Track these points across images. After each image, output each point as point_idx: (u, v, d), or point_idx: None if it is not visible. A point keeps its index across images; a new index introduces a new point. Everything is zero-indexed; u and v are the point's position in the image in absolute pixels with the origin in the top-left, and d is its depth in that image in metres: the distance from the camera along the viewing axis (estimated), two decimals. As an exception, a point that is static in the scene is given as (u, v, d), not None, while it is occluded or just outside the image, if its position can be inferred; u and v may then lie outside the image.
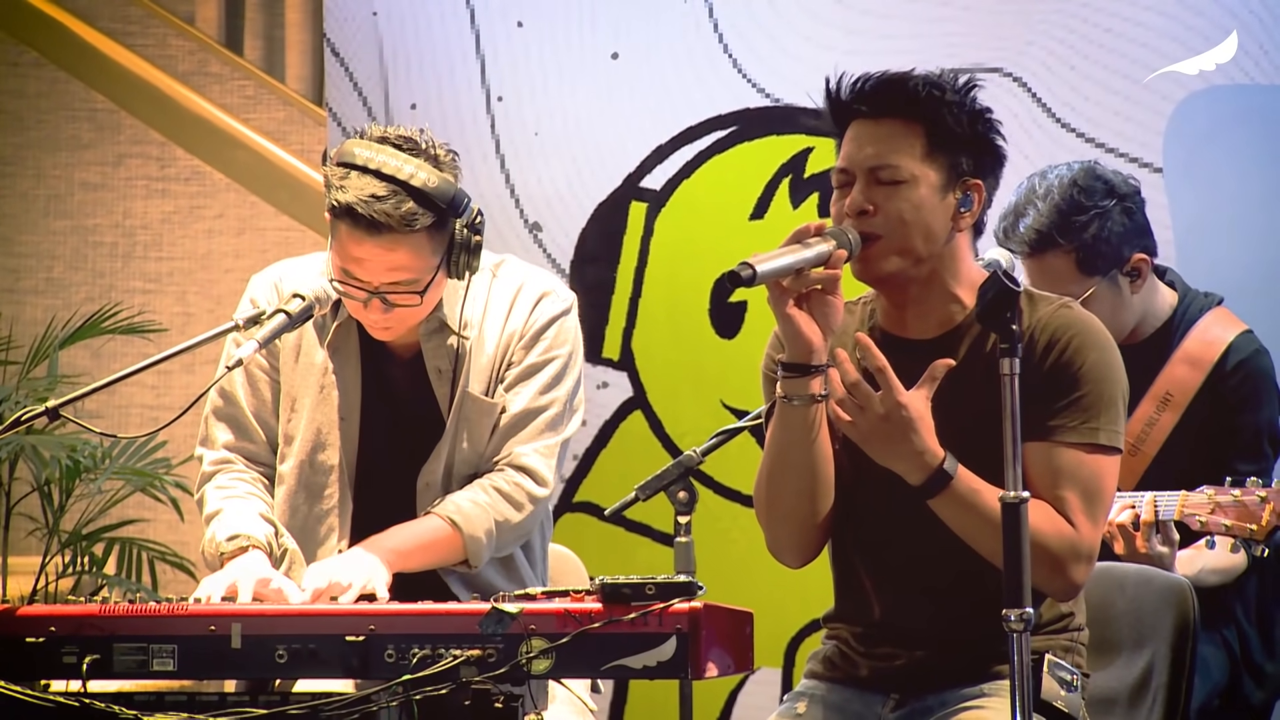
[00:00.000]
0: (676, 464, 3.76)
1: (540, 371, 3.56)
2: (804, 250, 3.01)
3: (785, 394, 3.09)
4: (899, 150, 3.11)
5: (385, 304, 3.41)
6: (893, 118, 3.12)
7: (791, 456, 3.12)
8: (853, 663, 3.21)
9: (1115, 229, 4.04)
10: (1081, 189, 4.05)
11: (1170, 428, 4.12)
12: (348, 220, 3.35)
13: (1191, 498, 3.83)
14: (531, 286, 3.58)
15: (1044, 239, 4.03)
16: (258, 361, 3.55)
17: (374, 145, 3.39)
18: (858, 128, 3.15)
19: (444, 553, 3.46)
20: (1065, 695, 3.09)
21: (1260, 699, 4.15)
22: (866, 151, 3.12)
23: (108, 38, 6.79)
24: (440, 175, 3.38)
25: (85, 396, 3.23)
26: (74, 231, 6.74)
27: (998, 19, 4.94)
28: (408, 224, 3.34)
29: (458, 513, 3.45)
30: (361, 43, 5.26)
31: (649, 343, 5.19)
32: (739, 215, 5.08)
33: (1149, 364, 4.14)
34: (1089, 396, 3.10)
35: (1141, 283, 4.11)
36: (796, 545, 3.21)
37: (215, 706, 2.83)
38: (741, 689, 5.08)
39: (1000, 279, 2.88)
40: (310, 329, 3.54)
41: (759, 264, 2.94)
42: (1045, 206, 4.04)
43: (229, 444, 3.57)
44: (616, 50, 5.16)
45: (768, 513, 3.19)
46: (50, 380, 5.91)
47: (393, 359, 3.56)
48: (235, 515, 3.46)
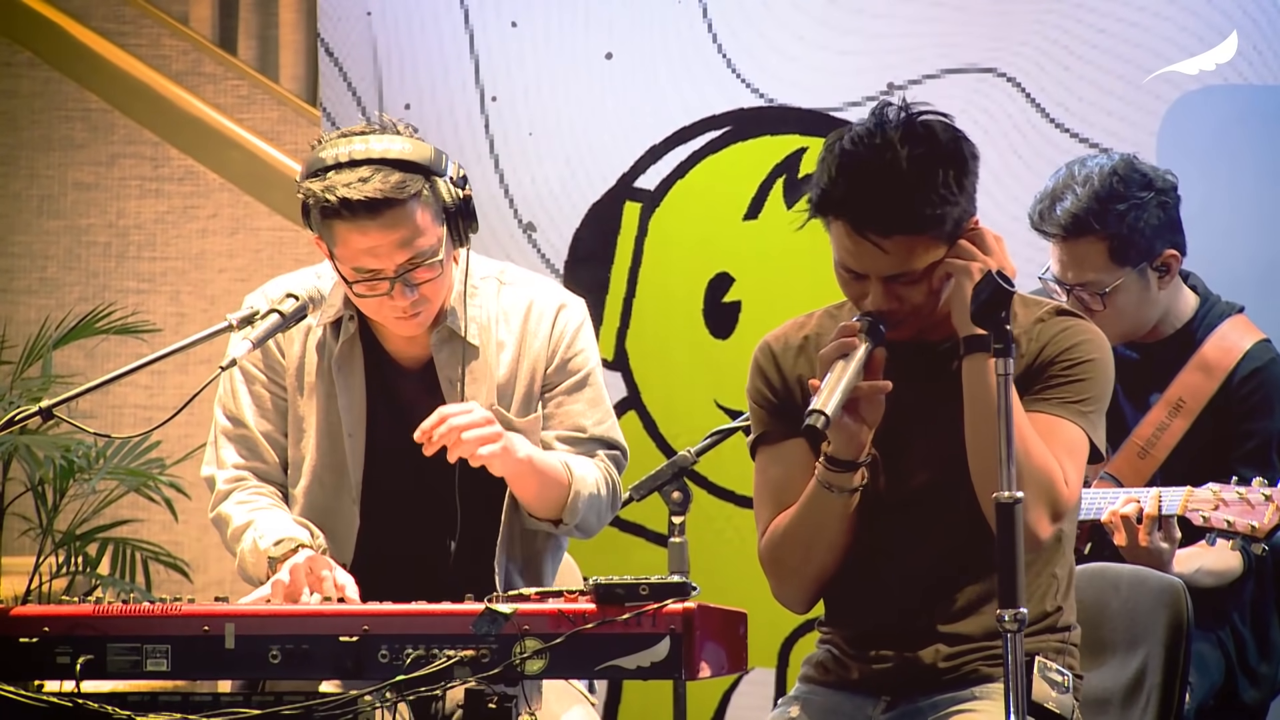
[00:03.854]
0: (671, 464, 3.77)
1: (586, 385, 3.57)
2: (851, 364, 3.00)
3: (827, 484, 3.10)
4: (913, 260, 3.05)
5: (409, 286, 3.39)
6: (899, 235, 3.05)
7: (823, 536, 3.13)
8: (844, 666, 3.21)
9: (1150, 221, 4.06)
10: (1121, 178, 4.06)
11: (1181, 434, 4.12)
12: (345, 214, 3.34)
13: (1197, 493, 3.84)
14: (544, 300, 3.57)
15: (1080, 224, 4.04)
16: (263, 382, 3.54)
17: (335, 142, 3.39)
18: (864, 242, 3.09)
19: (552, 493, 3.45)
20: (1057, 697, 3.09)
21: (1255, 699, 4.16)
22: (882, 262, 3.06)
23: (101, 37, 6.78)
24: (410, 141, 3.39)
25: (79, 396, 3.23)
26: (67, 231, 6.74)
27: (991, 19, 4.94)
28: (400, 191, 3.33)
29: (576, 468, 3.47)
30: (355, 43, 5.26)
31: (643, 343, 5.19)
32: (733, 215, 5.08)
33: (1166, 364, 4.14)
34: (1085, 388, 3.11)
35: (1169, 279, 4.12)
36: (808, 598, 3.23)
37: (209, 707, 2.83)
38: (735, 689, 5.08)
39: (995, 280, 2.88)
40: (312, 351, 3.53)
41: (828, 407, 2.95)
42: (1084, 192, 4.05)
43: (239, 464, 3.53)
44: (611, 50, 5.15)
45: (780, 570, 3.21)
46: (44, 380, 5.90)
47: (400, 372, 3.54)
48: (271, 522, 3.43)
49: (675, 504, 3.71)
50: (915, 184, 3.02)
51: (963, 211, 3.06)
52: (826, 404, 2.94)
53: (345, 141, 3.38)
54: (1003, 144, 4.84)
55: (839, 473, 3.09)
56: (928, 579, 3.14)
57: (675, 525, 3.69)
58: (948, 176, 3.03)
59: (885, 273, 3.06)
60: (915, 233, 3.03)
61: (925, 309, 3.10)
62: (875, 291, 3.07)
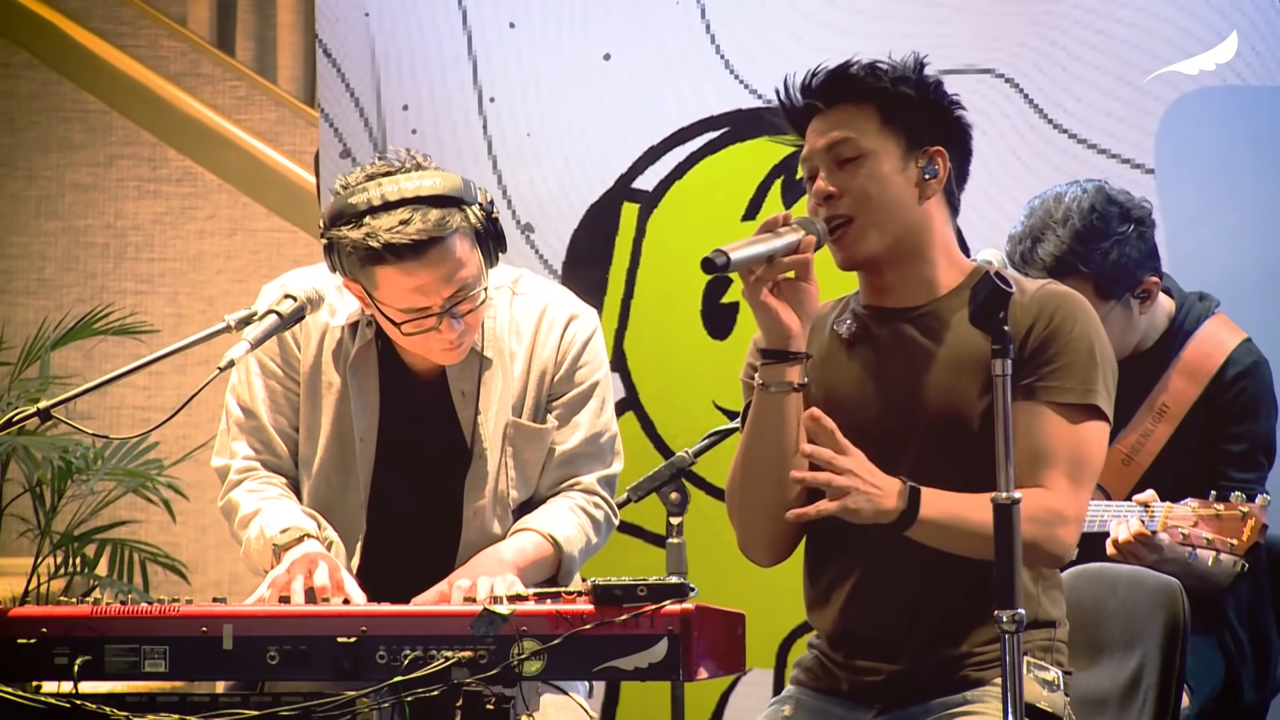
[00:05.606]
0: (669, 465, 3.77)
1: (591, 397, 3.57)
2: (775, 239, 3.07)
3: (764, 381, 3.11)
4: (853, 127, 3.16)
5: (455, 319, 3.39)
6: (844, 103, 3.18)
7: (767, 447, 3.12)
8: (833, 676, 3.21)
9: (1132, 254, 4.06)
10: (1100, 214, 4.05)
11: (1165, 439, 4.12)
12: (391, 259, 3.32)
13: (1176, 510, 3.84)
14: (556, 309, 3.58)
15: (1064, 265, 4.04)
16: (279, 376, 3.55)
17: (364, 186, 3.36)
18: (815, 122, 3.21)
19: (544, 570, 3.47)
20: (1048, 695, 3.10)
21: (1254, 700, 4.16)
22: (824, 138, 3.17)
23: (99, 39, 6.79)
24: (439, 175, 3.38)
25: (77, 397, 3.23)
26: (65, 232, 6.74)
27: (990, 20, 4.93)
28: (442, 229, 3.32)
29: (559, 531, 3.46)
30: (353, 44, 5.25)
31: (641, 344, 5.19)
32: (731, 216, 5.08)
33: (1147, 375, 4.14)
34: (1076, 362, 3.11)
35: (1150, 304, 4.13)
36: (768, 540, 3.21)
37: (207, 707, 2.83)
38: (733, 690, 5.08)
39: (993, 280, 2.89)
40: (328, 350, 3.53)
41: (732, 251, 3.02)
42: (1065, 232, 4.04)
43: (251, 456, 3.54)
44: (609, 51, 5.15)
45: (740, 507, 3.20)
46: (42, 381, 5.90)
47: (414, 381, 3.54)
48: (279, 511, 3.44)
49: (673, 505, 3.71)
50: (859, 61, 3.19)
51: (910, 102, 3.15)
52: (733, 250, 3.02)
53: (375, 185, 3.35)
54: (1000, 145, 4.83)
55: (773, 365, 3.10)
56: (911, 590, 3.13)
57: (673, 526, 3.69)
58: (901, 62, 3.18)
59: (826, 144, 3.14)
60: (852, 100, 3.15)
61: (866, 209, 3.13)
62: (820, 178, 3.15)
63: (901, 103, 3.16)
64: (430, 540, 3.51)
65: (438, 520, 3.51)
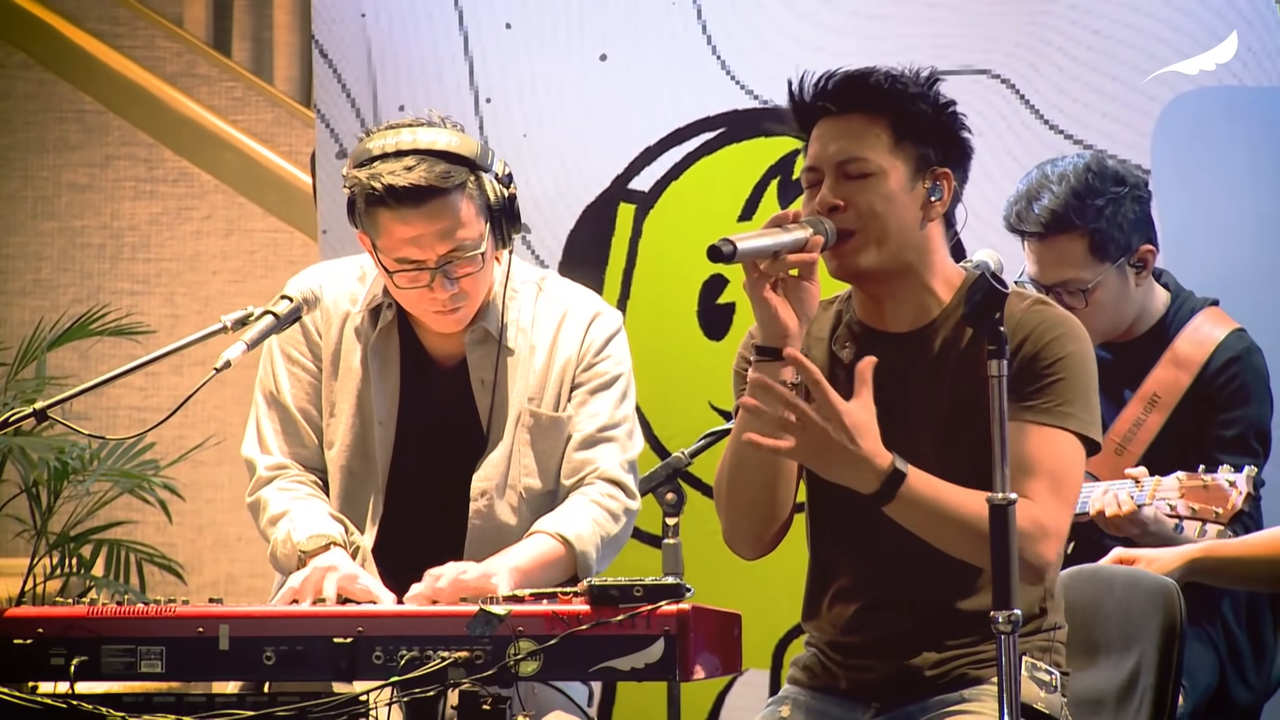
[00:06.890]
0: (665, 465, 3.77)
1: (611, 387, 3.58)
2: (783, 235, 3.06)
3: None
4: (866, 143, 3.14)
5: (449, 279, 3.41)
6: (857, 113, 3.15)
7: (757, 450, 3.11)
8: (832, 674, 3.21)
9: (1127, 215, 4.11)
10: (1095, 174, 4.12)
11: (1157, 429, 4.14)
12: (390, 202, 3.36)
13: (1164, 482, 3.87)
14: (580, 308, 3.60)
15: (1059, 220, 4.08)
16: (302, 363, 3.57)
17: (383, 133, 3.42)
18: (823, 126, 3.18)
19: (559, 570, 3.44)
20: (1045, 696, 3.10)
21: (1248, 700, 4.16)
22: (834, 147, 3.14)
23: (95, 39, 6.79)
24: (456, 134, 3.41)
25: (73, 398, 3.23)
26: (61, 233, 6.74)
27: (986, 21, 4.93)
28: (445, 181, 3.36)
29: (569, 529, 3.45)
30: (350, 44, 5.25)
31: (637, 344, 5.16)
32: (728, 217, 5.07)
33: (1140, 362, 4.17)
34: (1065, 384, 3.10)
35: (1146, 274, 4.15)
36: (754, 537, 3.20)
37: (203, 708, 2.83)
38: (729, 691, 5.08)
39: (989, 280, 2.88)
40: (350, 335, 3.55)
41: (740, 242, 2.99)
42: (1061, 189, 4.09)
43: (282, 449, 3.55)
44: (605, 52, 5.15)
45: (728, 503, 3.19)
46: (38, 382, 5.90)
47: (435, 368, 3.56)
48: (308, 515, 3.45)
49: (669, 505, 3.71)
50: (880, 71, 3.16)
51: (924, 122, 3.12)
52: (741, 240, 2.99)
53: (393, 133, 3.41)
54: (997, 146, 4.83)
55: (768, 363, 3.07)
56: (908, 587, 3.13)
57: (669, 527, 3.69)
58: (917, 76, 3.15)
59: (837, 158, 3.12)
60: (866, 112, 3.13)
61: (871, 226, 3.11)
62: (825, 188, 3.12)
63: (915, 122, 3.14)
64: (442, 526, 3.52)
65: (451, 507, 3.52)
